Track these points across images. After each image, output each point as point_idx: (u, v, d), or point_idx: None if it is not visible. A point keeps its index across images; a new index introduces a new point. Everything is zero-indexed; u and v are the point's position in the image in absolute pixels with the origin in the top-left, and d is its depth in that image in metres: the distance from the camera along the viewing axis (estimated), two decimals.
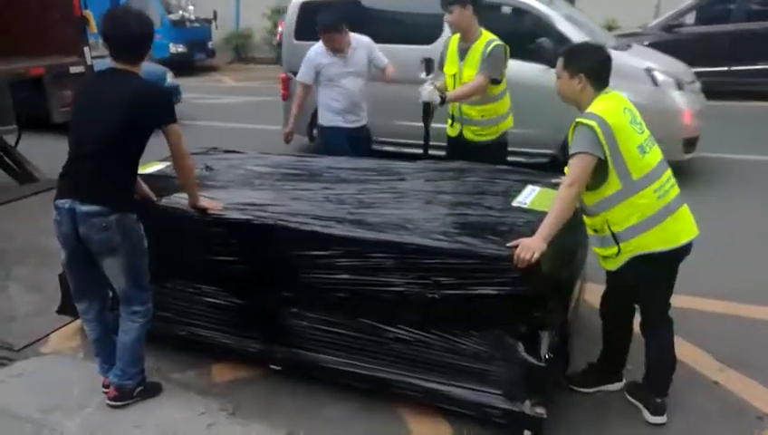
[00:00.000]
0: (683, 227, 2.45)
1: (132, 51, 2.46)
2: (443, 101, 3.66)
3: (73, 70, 5.79)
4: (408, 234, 2.49)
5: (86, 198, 2.38)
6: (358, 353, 2.63)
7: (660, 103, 5.40)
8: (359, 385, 2.66)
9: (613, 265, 2.50)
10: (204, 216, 2.75)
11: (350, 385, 2.68)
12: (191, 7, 14.95)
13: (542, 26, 5.55)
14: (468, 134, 3.87)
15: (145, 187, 2.83)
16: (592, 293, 3.40)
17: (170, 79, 9.00)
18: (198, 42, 14.87)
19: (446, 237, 2.44)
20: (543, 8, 5.64)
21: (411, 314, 2.50)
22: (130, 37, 2.44)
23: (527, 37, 5.47)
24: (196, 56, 14.75)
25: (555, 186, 2.97)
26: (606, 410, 2.67)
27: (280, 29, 13.23)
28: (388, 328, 2.55)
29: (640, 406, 2.63)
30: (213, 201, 2.81)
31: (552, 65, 2.43)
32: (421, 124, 3.94)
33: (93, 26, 5.87)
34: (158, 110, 2.47)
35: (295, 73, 4.49)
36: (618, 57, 5.41)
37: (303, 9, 6.25)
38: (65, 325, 3.33)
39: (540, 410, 2.34)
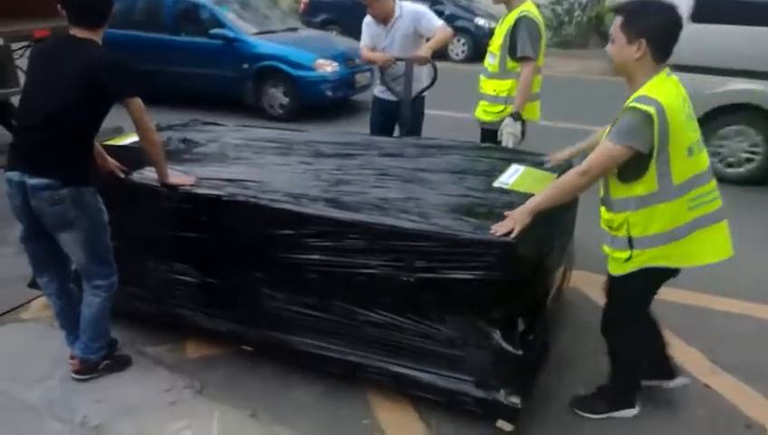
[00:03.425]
0: (711, 245, 2.13)
1: (87, 16, 2.32)
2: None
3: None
4: (381, 214, 2.36)
5: (35, 170, 2.28)
6: (329, 336, 2.53)
7: None
8: (330, 370, 2.57)
9: (618, 271, 2.20)
10: (174, 192, 2.64)
11: (321, 370, 2.59)
12: None
13: None
14: (479, 112, 3.64)
15: (111, 161, 2.71)
16: (587, 281, 3.25)
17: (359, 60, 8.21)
18: None
19: (421, 219, 2.30)
20: None
21: (384, 297, 2.38)
22: (83, 1, 2.30)
23: None
24: None
25: (540, 165, 2.81)
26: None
27: None
28: (361, 311, 2.44)
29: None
30: (184, 176, 2.70)
31: None
32: None
33: None
34: (117, 80, 2.32)
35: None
36: None
37: None
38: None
39: (515, 400, 2.24)
